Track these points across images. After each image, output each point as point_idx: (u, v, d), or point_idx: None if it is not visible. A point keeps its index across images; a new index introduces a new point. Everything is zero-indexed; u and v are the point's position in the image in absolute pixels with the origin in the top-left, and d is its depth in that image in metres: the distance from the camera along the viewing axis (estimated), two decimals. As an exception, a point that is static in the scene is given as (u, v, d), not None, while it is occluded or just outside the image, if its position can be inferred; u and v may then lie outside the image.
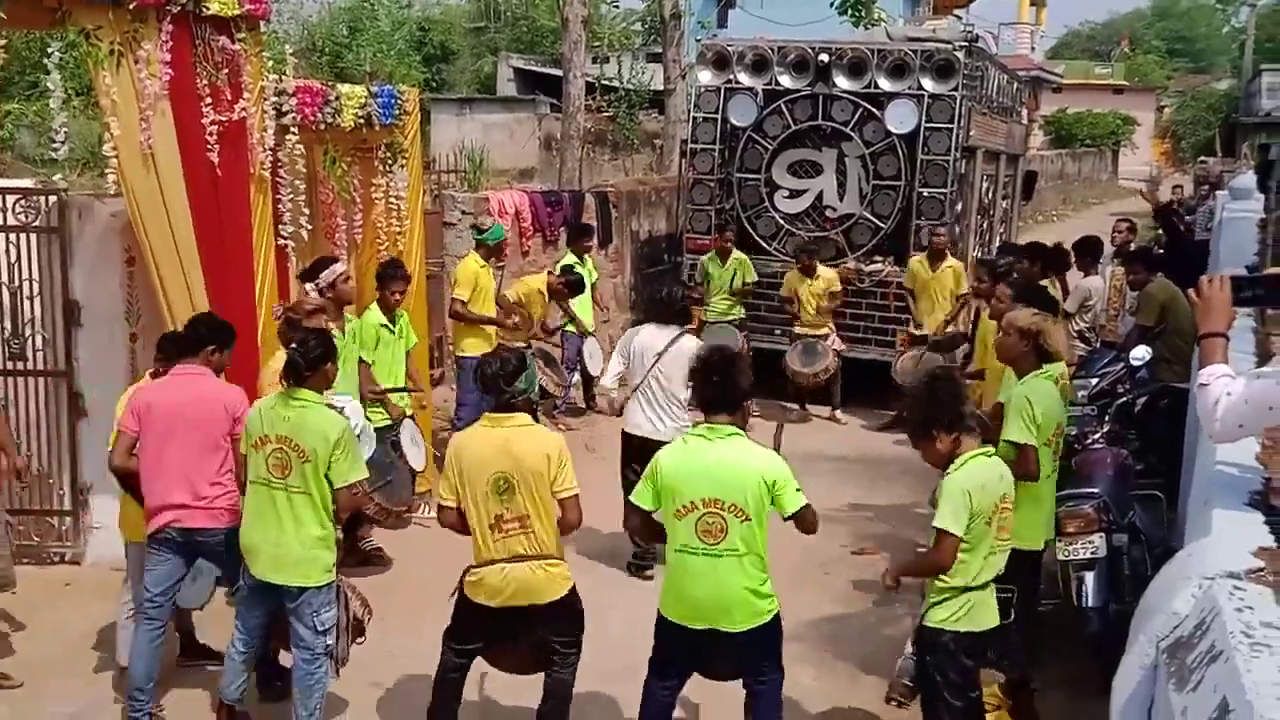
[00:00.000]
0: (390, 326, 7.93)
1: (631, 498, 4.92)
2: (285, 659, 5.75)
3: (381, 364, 7.84)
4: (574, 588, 5.17)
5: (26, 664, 6.20)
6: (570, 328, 10.88)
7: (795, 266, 11.52)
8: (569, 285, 10.35)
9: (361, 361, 7.69)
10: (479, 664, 5.39)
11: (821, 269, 11.39)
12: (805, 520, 4.77)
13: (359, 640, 5.74)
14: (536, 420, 5.25)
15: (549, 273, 10.68)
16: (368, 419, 7.77)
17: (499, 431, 4.98)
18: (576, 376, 11.08)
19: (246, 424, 5.34)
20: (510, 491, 4.90)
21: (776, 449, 4.96)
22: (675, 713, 5.14)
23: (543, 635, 5.12)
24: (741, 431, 4.78)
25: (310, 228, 7.67)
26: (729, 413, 4.76)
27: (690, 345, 7.49)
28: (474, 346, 9.22)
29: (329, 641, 5.33)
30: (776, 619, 4.84)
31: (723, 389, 4.76)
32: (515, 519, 4.93)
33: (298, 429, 5.18)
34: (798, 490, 4.72)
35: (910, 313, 11.53)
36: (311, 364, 5.29)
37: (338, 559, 5.42)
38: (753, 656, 4.86)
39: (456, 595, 5.18)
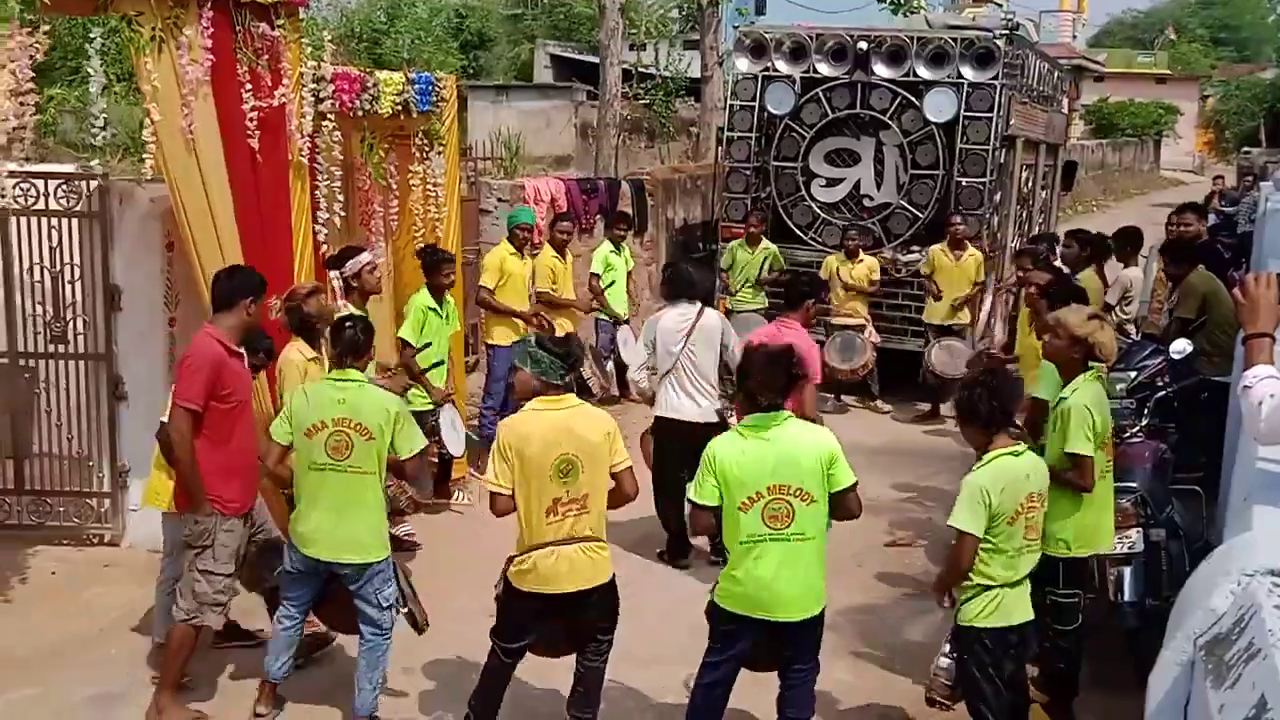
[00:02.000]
0: (439, 310, 7.96)
1: (694, 498, 4.77)
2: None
3: (429, 346, 7.87)
4: (614, 574, 5.17)
5: (64, 645, 6.28)
6: (604, 315, 10.88)
7: (838, 250, 11.46)
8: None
9: (405, 344, 7.71)
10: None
11: (864, 255, 11.33)
12: (849, 499, 4.74)
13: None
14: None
15: (592, 274, 10.67)
16: (408, 402, 7.79)
17: (560, 414, 4.97)
18: (610, 365, 11.08)
19: (291, 415, 5.35)
20: (574, 473, 4.90)
21: None
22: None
23: (588, 622, 5.11)
24: (791, 414, 4.78)
25: (346, 215, 7.68)
26: (779, 405, 4.75)
27: (713, 319, 7.46)
28: (504, 335, 9.24)
29: (392, 615, 5.43)
30: (824, 610, 4.85)
31: (774, 386, 4.74)
32: (573, 501, 4.92)
33: (356, 409, 5.25)
34: (849, 467, 4.75)
35: (923, 300, 11.50)
36: (367, 345, 5.47)
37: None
38: (801, 647, 4.86)
39: (501, 588, 5.13)
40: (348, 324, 5.51)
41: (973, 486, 4.71)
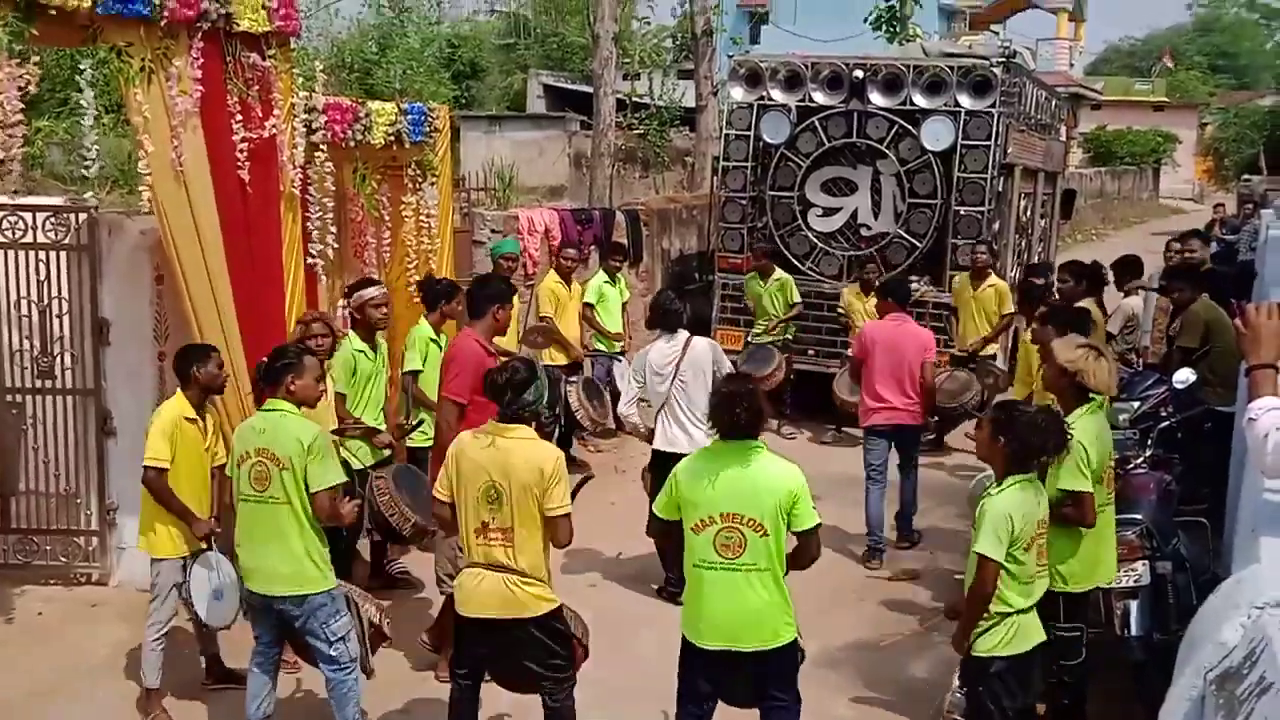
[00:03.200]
0: (439, 341, 7.88)
1: (654, 507, 4.92)
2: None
3: (429, 378, 7.77)
4: (558, 610, 5.03)
5: (52, 686, 6.17)
6: (601, 346, 10.81)
7: (853, 283, 11.33)
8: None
9: (415, 374, 7.61)
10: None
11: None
12: (811, 542, 4.71)
13: (384, 644, 5.71)
14: (547, 434, 5.17)
15: (585, 304, 10.60)
16: (411, 438, 7.67)
17: (500, 442, 4.90)
18: (607, 397, 10.97)
19: (232, 445, 5.40)
20: (498, 502, 4.84)
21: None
22: None
23: (528, 656, 4.99)
24: (763, 445, 4.75)
25: (338, 246, 7.62)
26: (751, 438, 4.71)
27: (702, 348, 7.37)
28: None
29: (349, 649, 5.33)
30: (794, 644, 4.76)
31: (745, 421, 4.69)
32: (499, 530, 4.87)
33: (272, 439, 5.20)
34: (813, 510, 4.68)
35: (951, 333, 11.35)
36: (271, 374, 5.34)
37: (363, 576, 5.38)
38: (771, 679, 4.77)
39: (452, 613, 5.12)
40: (274, 354, 5.48)
41: (996, 513, 4.64)
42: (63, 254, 7.27)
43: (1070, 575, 5.20)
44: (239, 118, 6.64)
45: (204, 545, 5.85)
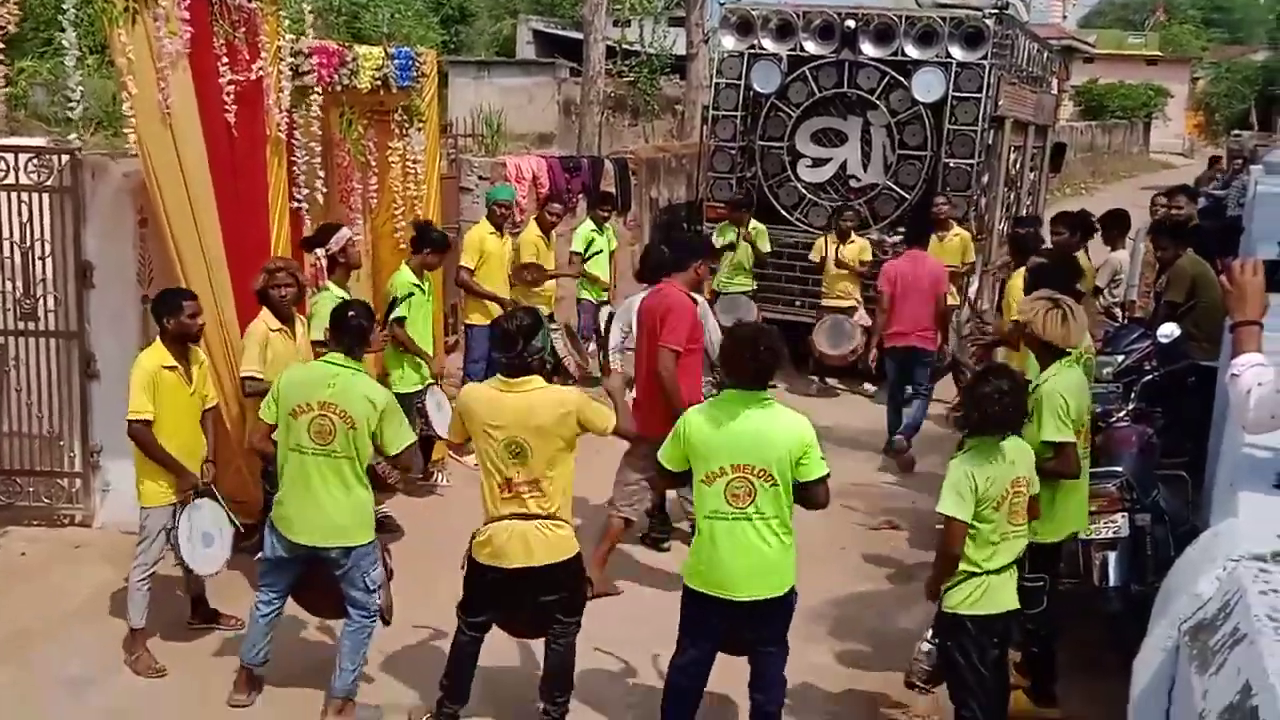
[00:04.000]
0: (422, 286, 7.86)
1: (660, 458, 4.91)
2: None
3: (413, 324, 7.78)
4: (579, 555, 5.13)
5: (35, 627, 6.19)
6: (587, 294, 10.78)
7: (829, 231, 11.27)
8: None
9: (395, 321, 7.61)
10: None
11: (855, 236, 11.19)
12: (820, 490, 4.72)
13: (389, 580, 5.76)
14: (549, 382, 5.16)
15: (573, 253, 10.56)
16: (396, 384, 7.69)
17: (514, 397, 4.92)
18: (593, 345, 10.97)
19: (278, 394, 5.29)
20: (523, 456, 4.87)
21: None
22: None
23: (546, 602, 5.08)
24: (772, 398, 4.76)
25: (325, 191, 7.57)
26: (762, 388, 4.72)
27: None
28: (481, 315, 9.13)
29: (379, 597, 5.39)
30: (793, 591, 4.81)
31: (762, 368, 4.70)
32: (526, 482, 4.91)
33: (343, 396, 5.17)
34: (821, 459, 4.70)
35: None
36: (359, 332, 5.36)
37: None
38: (771, 627, 4.83)
39: (466, 565, 5.14)
40: (350, 312, 5.42)
41: (958, 472, 4.69)
42: (45, 196, 7.20)
43: (1041, 526, 5.21)
44: (225, 60, 6.56)
45: (197, 490, 5.86)
